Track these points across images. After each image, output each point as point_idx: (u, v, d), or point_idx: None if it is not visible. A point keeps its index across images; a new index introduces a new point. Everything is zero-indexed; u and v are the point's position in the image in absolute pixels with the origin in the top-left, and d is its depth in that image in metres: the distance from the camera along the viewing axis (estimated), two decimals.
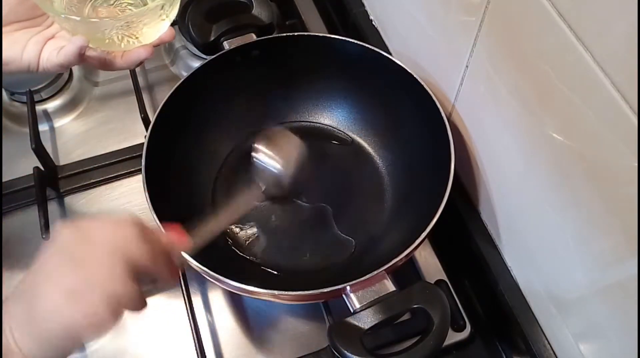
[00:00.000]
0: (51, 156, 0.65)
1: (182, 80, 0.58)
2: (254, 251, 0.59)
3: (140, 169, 0.53)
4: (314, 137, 0.66)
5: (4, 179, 0.64)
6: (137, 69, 0.72)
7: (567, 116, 0.38)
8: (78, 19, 0.43)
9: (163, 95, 0.58)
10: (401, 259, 0.48)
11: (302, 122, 0.67)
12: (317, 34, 0.63)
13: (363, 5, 0.73)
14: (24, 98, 0.68)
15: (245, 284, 0.47)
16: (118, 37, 0.45)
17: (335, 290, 0.47)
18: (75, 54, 0.44)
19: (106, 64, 0.48)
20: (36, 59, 0.45)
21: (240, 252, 0.59)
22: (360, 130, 0.66)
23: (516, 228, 0.52)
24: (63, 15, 0.43)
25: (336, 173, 0.64)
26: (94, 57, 0.47)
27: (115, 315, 0.35)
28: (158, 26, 0.47)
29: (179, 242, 0.41)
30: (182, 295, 0.56)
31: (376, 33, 0.71)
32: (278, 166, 0.54)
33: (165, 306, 0.58)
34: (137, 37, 0.46)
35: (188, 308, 0.55)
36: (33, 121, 0.63)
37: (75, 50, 0.43)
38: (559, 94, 0.38)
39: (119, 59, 0.48)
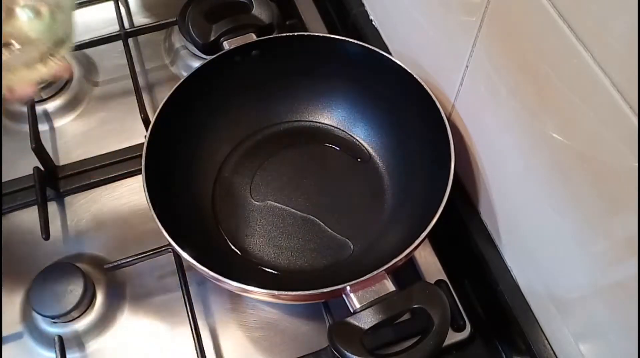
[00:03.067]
0: (51, 156, 0.65)
1: (182, 80, 0.58)
2: (253, 251, 0.59)
3: (140, 169, 0.53)
4: (314, 137, 0.67)
5: (4, 179, 0.64)
6: (137, 69, 0.72)
7: (567, 116, 0.38)
8: None
9: (163, 95, 0.58)
10: (401, 259, 0.48)
11: (302, 122, 0.67)
12: (317, 34, 0.63)
13: (363, 5, 0.73)
14: None
15: (245, 284, 0.47)
16: None
17: (335, 290, 0.47)
18: None
19: None
20: None
21: (240, 252, 0.59)
22: (360, 130, 0.66)
23: (516, 228, 0.52)
24: None
25: (336, 172, 0.64)
26: None
27: None
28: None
29: None
30: (182, 294, 0.56)
31: (376, 33, 0.71)
32: None
33: (165, 306, 0.58)
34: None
35: (188, 307, 0.55)
36: (33, 120, 0.63)
37: None
38: (559, 94, 0.38)
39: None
